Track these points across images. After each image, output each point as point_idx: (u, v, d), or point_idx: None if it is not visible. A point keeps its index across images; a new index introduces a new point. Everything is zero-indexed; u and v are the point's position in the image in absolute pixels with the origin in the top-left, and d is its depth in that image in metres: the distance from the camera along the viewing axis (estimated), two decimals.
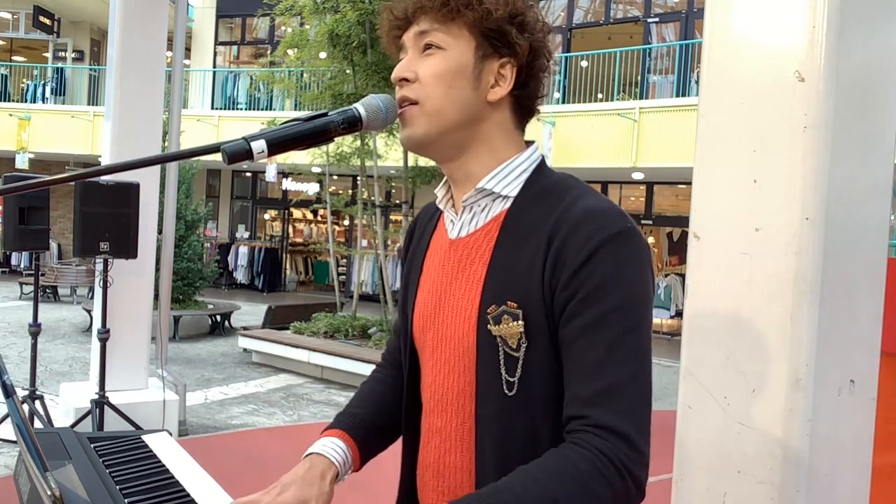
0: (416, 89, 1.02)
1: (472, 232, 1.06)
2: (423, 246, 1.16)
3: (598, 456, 0.87)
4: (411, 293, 1.15)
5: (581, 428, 0.90)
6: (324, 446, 1.11)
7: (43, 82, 17.00)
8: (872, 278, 1.63)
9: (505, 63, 1.03)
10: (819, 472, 1.53)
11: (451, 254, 1.08)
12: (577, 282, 0.93)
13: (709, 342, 1.67)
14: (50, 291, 12.66)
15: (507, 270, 0.99)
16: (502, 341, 0.98)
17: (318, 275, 17.22)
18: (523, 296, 0.97)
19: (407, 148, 1.06)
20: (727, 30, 1.66)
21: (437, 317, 1.07)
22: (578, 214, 0.96)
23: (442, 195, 1.11)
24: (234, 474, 4.15)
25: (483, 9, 1.00)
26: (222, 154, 0.92)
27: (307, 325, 8.54)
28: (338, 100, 8.44)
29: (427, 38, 1.02)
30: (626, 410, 0.89)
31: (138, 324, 4.96)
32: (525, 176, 1.05)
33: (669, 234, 13.97)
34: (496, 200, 1.05)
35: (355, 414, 1.19)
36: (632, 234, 0.95)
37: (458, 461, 1.05)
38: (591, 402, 0.90)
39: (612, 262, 0.93)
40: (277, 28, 16.73)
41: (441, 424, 1.07)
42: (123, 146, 4.81)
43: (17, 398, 0.92)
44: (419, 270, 1.14)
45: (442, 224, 1.13)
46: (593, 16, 14.40)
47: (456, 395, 1.05)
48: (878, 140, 1.61)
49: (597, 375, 0.90)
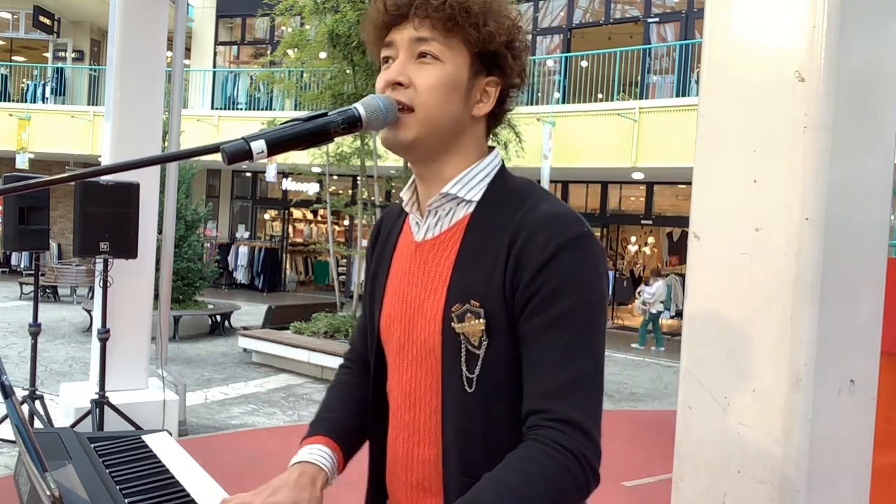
0: (410, 95, 1.03)
1: (437, 235, 1.10)
2: (389, 247, 1.19)
3: (561, 451, 0.92)
4: (378, 294, 1.18)
5: (541, 423, 0.95)
6: (311, 454, 1.13)
7: (43, 82, 17.00)
8: (872, 278, 1.63)
9: (491, 81, 1.07)
10: (819, 472, 1.53)
11: (416, 256, 1.11)
12: (538, 282, 0.98)
13: (709, 342, 1.67)
14: (50, 291, 12.66)
15: (470, 271, 1.04)
16: (465, 339, 1.02)
17: (318, 275, 17.23)
18: (485, 295, 1.01)
19: (388, 147, 1.08)
20: (727, 30, 1.66)
21: (403, 317, 1.11)
22: (539, 218, 1.00)
23: (408, 198, 1.14)
24: (234, 474, 4.14)
25: (487, 31, 1.03)
26: (222, 154, 0.92)
27: (307, 325, 8.54)
28: (338, 100, 8.44)
29: (425, 47, 1.03)
30: (583, 403, 0.95)
31: (138, 324, 4.96)
32: (487, 181, 1.09)
33: (669, 234, 13.98)
34: (460, 205, 1.08)
35: (332, 418, 1.21)
36: (588, 238, 1.00)
37: (427, 455, 1.09)
38: (550, 395, 0.95)
39: (571, 265, 0.98)
40: (277, 28, 16.73)
41: (409, 419, 1.11)
42: (123, 146, 4.81)
43: (15, 399, 0.92)
44: (386, 272, 1.17)
45: (407, 226, 1.16)
46: (593, 16, 14.40)
47: (423, 391, 1.09)
48: (878, 140, 1.61)
49: (555, 371, 0.96)
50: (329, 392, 1.28)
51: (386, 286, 1.16)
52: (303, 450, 1.14)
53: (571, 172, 12.15)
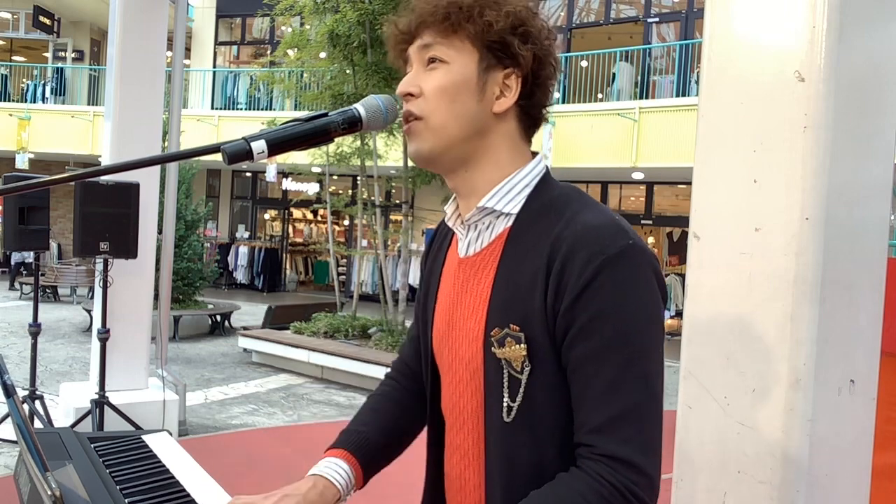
0: (420, 105, 1.02)
1: (478, 251, 1.05)
2: (439, 262, 1.15)
3: (605, 485, 0.88)
4: (430, 310, 1.14)
5: (588, 455, 0.91)
6: (327, 468, 1.11)
7: (43, 82, 16.99)
8: (872, 278, 1.63)
9: (510, 74, 1.01)
10: (819, 472, 1.53)
11: (459, 273, 1.07)
12: (577, 308, 0.92)
13: (709, 342, 1.67)
14: (50, 291, 12.66)
15: (509, 292, 0.98)
16: (507, 364, 0.97)
17: (318, 275, 17.22)
18: (525, 318, 0.96)
19: (415, 163, 1.06)
20: (727, 30, 1.66)
21: (448, 337, 1.07)
22: (578, 232, 0.94)
23: (451, 212, 1.10)
24: (234, 474, 4.14)
25: (484, 21, 0.99)
26: (222, 154, 0.92)
27: (307, 325, 8.54)
28: (338, 100, 8.43)
29: (430, 52, 1.02)
30: (631, 438, 0.89)
31: (138, 324, 4.96)
32: (527, 191, 1.02)
33: (669, 234, 13.97)
34: (499, 218, 1.03)
35: (360, 431, 1.18)
36: (632, 252, 0.93)
37: (475, 479, 1.06)
38: (596, 430, 0.90)
39: (613, 287, 0.91)
40: (277, 28, 16.73)
41: (459, 441, 1.08)
42: (123, 146, 4.81)
43: (17, 398, 0.92)
44: (436, 289, 1.13)
45: (456, 240, 1.12)
46: (591, 15, 14.40)
47: (470, 413, 1.05)
48: (878, 140, 1.61)
49: (601, 404, 0.90)
50: (367, 402, 1.25)
51: (436, 304, 1.12)
52: (322, 461, 1.12)
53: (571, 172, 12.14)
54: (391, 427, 1.20)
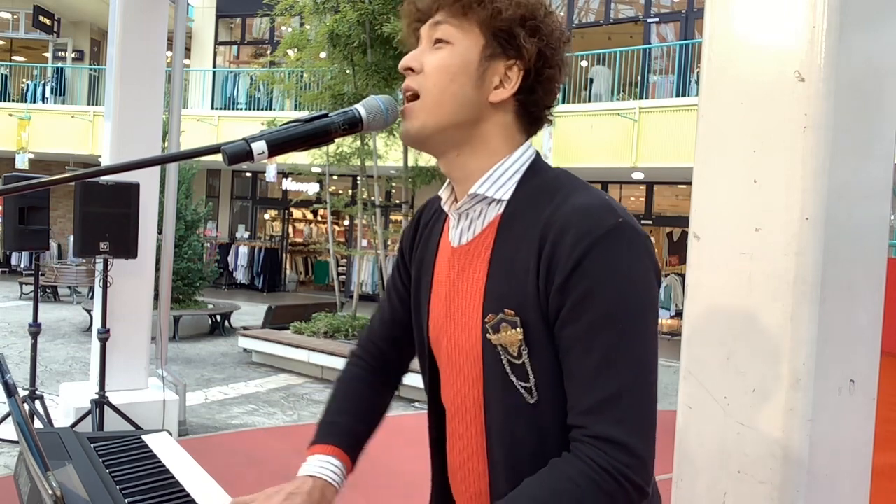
0: (418, 80, 1.01)
1: (471, 239, 1.05)
2: (431, 251, 1.13)
3: (596, 469, 0.87)
4: (424, 299, 1.13)
5: (580, 438, 0.90)
6: (322, 467, 1.11)
7: (43, 82, 16.99)
8: (872, 278, 1.63)
9: (511, 65, 1.01)
10: (819, 472, 1.53)
11: (454, 261, 1.07)
12: (568, 288, 0.91)
13: (709, 342, 1.67)
14: (50, 291, 12.66)
15: (503, 278, 0.98)
16: (503, 350, 0.97)
17: (318, 275, 17.22)
18: (520, 302, 0.95)
19: (405, 142, 1.05)
20: (727, 30, 1.66)
21: (447, 327, 1.07)
22: (567, 214, 0.93)
23: (445, 198, 1.09)
24: (234, 474, 4.14)
25: (493, 7, 0.98)
26: (223, 155, 0.92)
27: (307, 325, 8.53)
28: (338, 100, 8.43)
29: (438, 32, 1.02)
30: (623, 418, 0.89)
31: (138, 324, 4.96)
32: (517, 177, 1.02)
33: (669, 234, 13.96)
34: (491, 205, 1.03)
35: (340, 423, 1.19)
36: (622, 229, 0.91)
37: (479, 467, 1.06)
38: (587, 412, 0.90)
39: (603, 265, 0.90)
40: (277, 28, 16.72)
41: (462, 430, 1.08)
42: (123, 146, 4.81)
43: (18, 397, 0.92)
44: (430, 276, 1.12)
45: (448, 227, 1.11)
46: (590, 15, 14.40)
47: (472, 403, 1.04)
48: (878, 140, 1.61)
49: (592, 385, 0.90)
50: (337, 388, 1.25)
51: (431, 295, 1.11)
52: (312, 460, 1.12)
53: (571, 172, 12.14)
54: (366, 410, 1.21)
